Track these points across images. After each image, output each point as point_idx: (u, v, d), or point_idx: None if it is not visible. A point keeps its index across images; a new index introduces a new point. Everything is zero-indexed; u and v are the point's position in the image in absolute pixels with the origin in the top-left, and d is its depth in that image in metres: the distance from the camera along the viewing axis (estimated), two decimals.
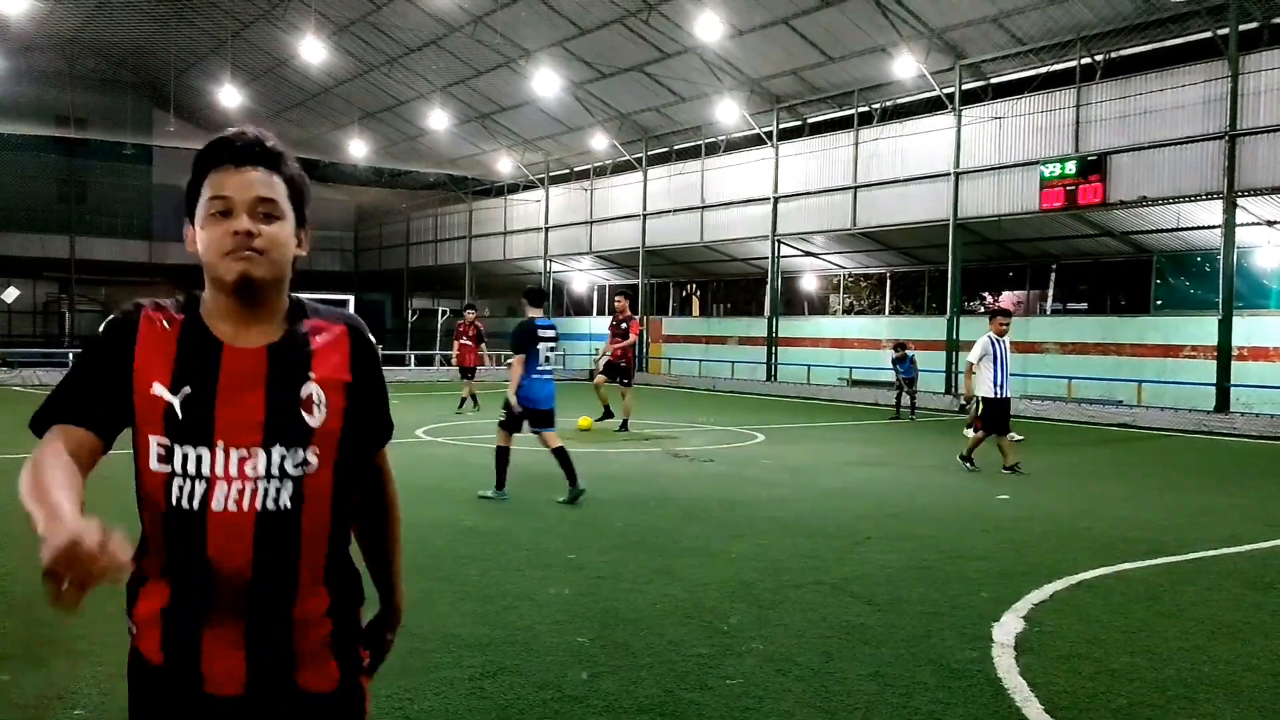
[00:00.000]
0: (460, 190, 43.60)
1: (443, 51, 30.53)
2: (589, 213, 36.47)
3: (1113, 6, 20.30)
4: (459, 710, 4.29)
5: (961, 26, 22.52)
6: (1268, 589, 6.62)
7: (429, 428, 16.31)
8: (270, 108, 38.39)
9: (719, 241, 31.16)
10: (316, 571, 1.83)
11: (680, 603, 6.00)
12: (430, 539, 7.75)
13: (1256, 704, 4.51)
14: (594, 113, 32.18)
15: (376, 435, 2.11)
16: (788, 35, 24.86)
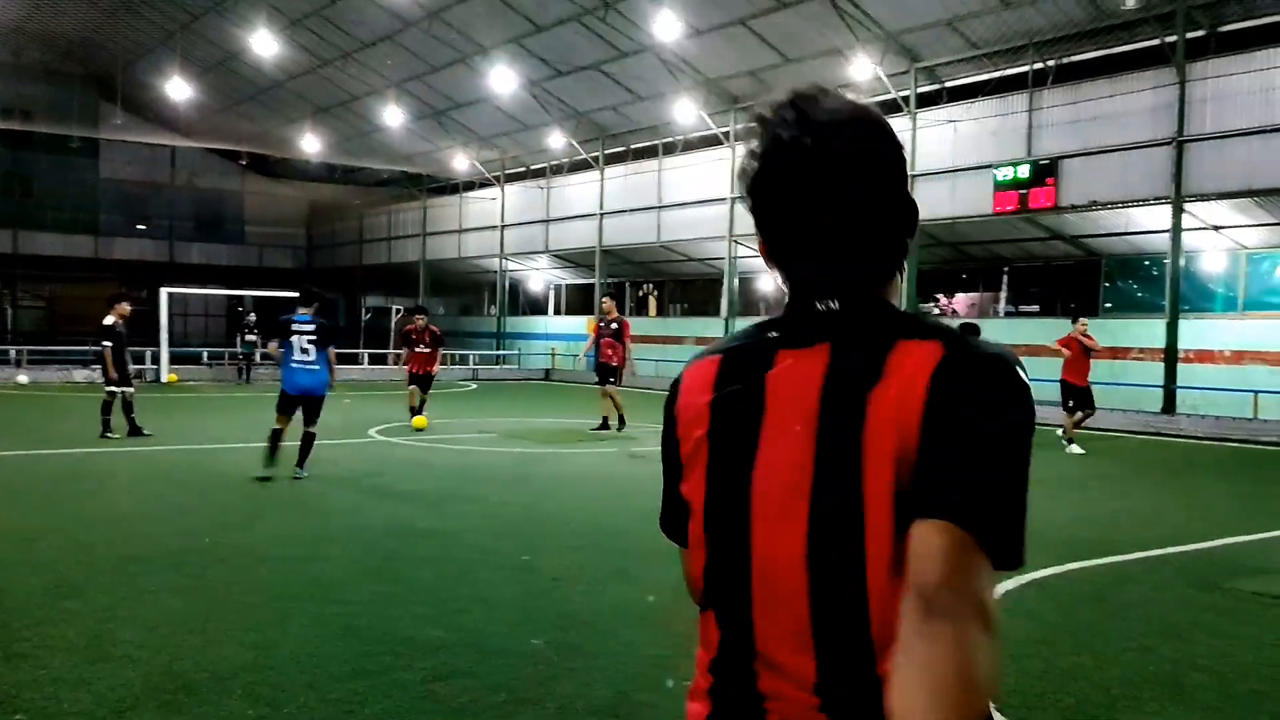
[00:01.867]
0: (415, 187, 43.25)
1: (398, 47, 30.24)
2: (545, 211, 36.35)
3: (1064, 12, 20.58)
4: (410, 713, 4.23)
5: (917, 30, 22.72)
6: (1212, 588, 6.73)
7: (383, 427, 16.15)
8: (221, 101, 37.82)
9: (676, 241, 31.20)
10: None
11: (636, 604, 5.97)
12: (382, 541, 7.66)
13: (1201, 703, 4.58)
14: (551, 111, 32.07)
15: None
16: (745, 36, 24.94)
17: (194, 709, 4.22)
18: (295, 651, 4.98)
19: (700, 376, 1.44)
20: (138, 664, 4.74)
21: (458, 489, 10.28)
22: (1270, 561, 7.65)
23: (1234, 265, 21.49)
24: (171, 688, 4.45)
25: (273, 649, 5.02)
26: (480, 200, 39.65)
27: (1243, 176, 18.52)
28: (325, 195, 49.19)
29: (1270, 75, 18.12)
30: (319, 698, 4.37)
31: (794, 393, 1.30)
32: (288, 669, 4.73)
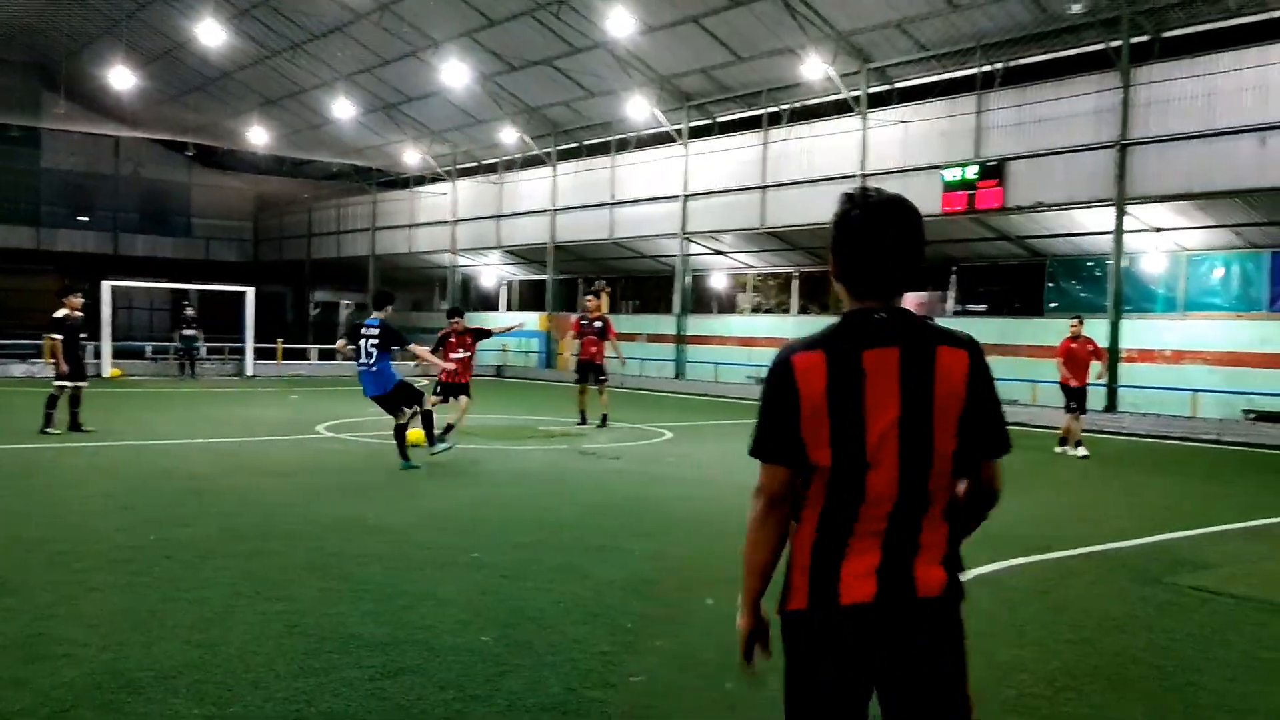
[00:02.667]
0: (365, 181, 42.83)
1: (348, 39, 29.90)
2: (498, 207, 36.17)
3: (1011, 16, 20.89)
4: (358, 711, 4.20)
5: (868, 31, 22.93)
6: (1152, 583, 6.87)
7: (330, 424, 15.98)
8: (167, 91, 37.13)
9: (628, 238, 31.20)
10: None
11: (584, 601, 5.97)
12: (329, 537, 7.59)
13: (1140, 694, 4.68)
14: (503, 105, 31.92)
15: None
16: (698, 33, 25.00)
17: (137, 708, 4.15)
18: (241, 649, 4.92)
19: (811, 361, 2.38)
20: (79, 662, 4.65)
21: (406, 485, 10.21)
22: (1207, 556, 7.83)
23: (1175, 267, 21.95)
24: (114, 686, 4.37)
25: (218, 647, 4.95)
26: (432, 195, 39.36)
27: (1183, 180, 18.93)
28: (273, 188, 48.52)
29: (1211, 80, 18.52)
30: (265, 696, 4.32)
31: (882, 373, 2.33)
32: (233, 667, 4.67)
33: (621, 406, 21.56)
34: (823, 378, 2.34)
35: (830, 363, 2.35)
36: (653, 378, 29.60)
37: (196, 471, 10.82)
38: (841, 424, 2.33)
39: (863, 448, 2.32)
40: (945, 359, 2.35)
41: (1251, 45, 18.19)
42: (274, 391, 23.87)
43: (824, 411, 2.33)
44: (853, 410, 2.32)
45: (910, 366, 2.33)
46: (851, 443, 2.32)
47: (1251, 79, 18.03)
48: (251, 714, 4.13)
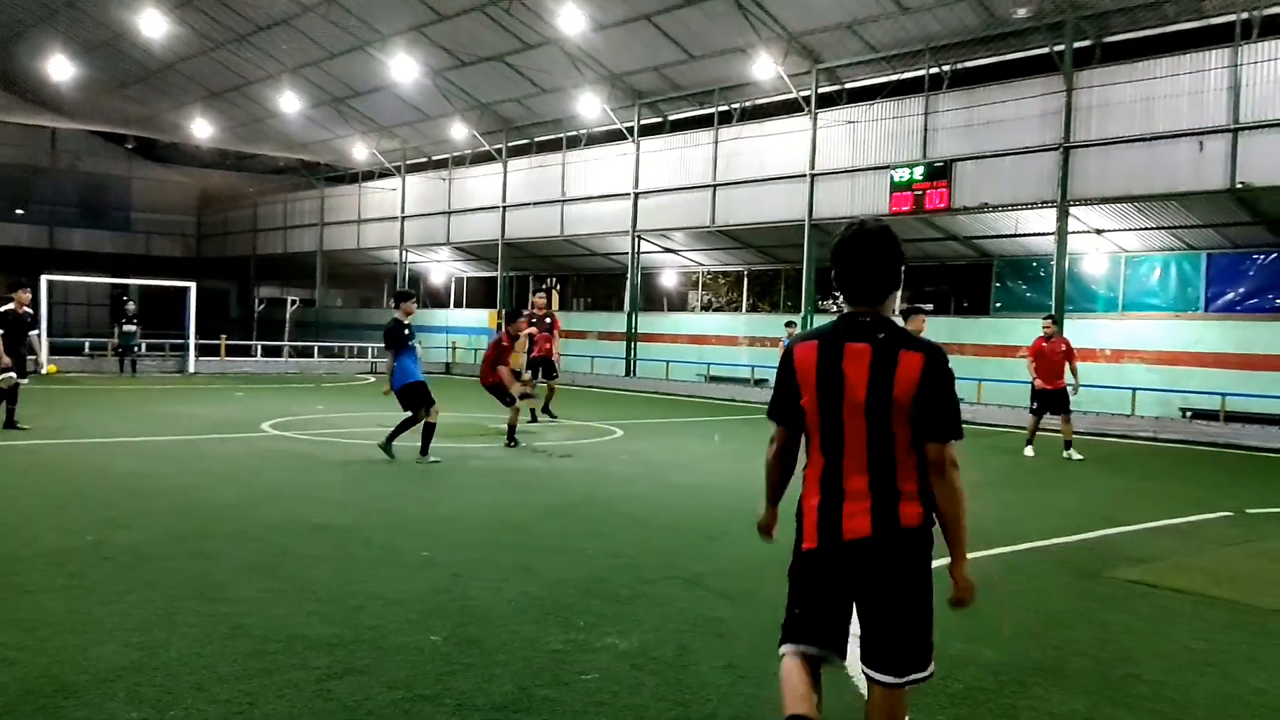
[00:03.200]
0: (312, 176, 42.32)
1: (294, 31, 29.48)
2: (447, 203, 35.92)
3: (959, 19, 21.16)
4: (304, 713, 4.14)
5: (818, 31, 23.09)
6: (1093, 577, 7.00)
7: (275, 421, 15.75)
8: (106, 83, 36.34)
9: (579, 236, 31.15)
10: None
11: (536, 599, 5.95)
12: (275, 537, 7.48)
13: (1082, 687, 4.76)
14: (453, 101, 31.69)
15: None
16: (649, 31, 25.01)
17: (74, 713, 4.06)
18: (182, 652, 4.83)
19: (808, 349, 3.20)
20: (14, 666, 4.54)
21: (355, 484, 10.10)
22: (1146, 551, 7.99)
23: (1115, 268, 22.40)
24: (50, 690, 4.27)
25: (158, 649, 4.85)
26: (380, 190, 38.98)
27: (1124, 182, 19.31)
28: (217, 182, 47.76)
29: (1151, 85, 18.92)
30: (208, 699, 4.24)
31: (857, 362, 3.08)
32: (174, 670, 4.58)
33: (573, 404, 21.51)
34: (814, 363, 3.19)
35: (820, 349, 3.19)
36: (604, 375, 29.60)
37: (137, 470, 10.61)
38: (826, 401, 3.17)
39: (840, 410, 3.14)
40: (905, 359, 3.06)
41: (1189, 51, 18.61)
42: (218, 389, 23.49)
43: (813, 389, 3.19)
44: (833, 391, 3.15)
45: (878, 360, 3.08)
46: (832, 418, 3.16)
47: (1189, 84, 18.45)
48: (192, 717, 4.06)
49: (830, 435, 3.17)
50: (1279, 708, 4.59)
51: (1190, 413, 19.49)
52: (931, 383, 3.05)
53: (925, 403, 3.04)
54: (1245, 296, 20.67)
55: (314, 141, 38.30)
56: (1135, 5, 19.29)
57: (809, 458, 3.29)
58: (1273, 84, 17.50)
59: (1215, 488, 12.17)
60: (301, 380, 27.72)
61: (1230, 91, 17.88)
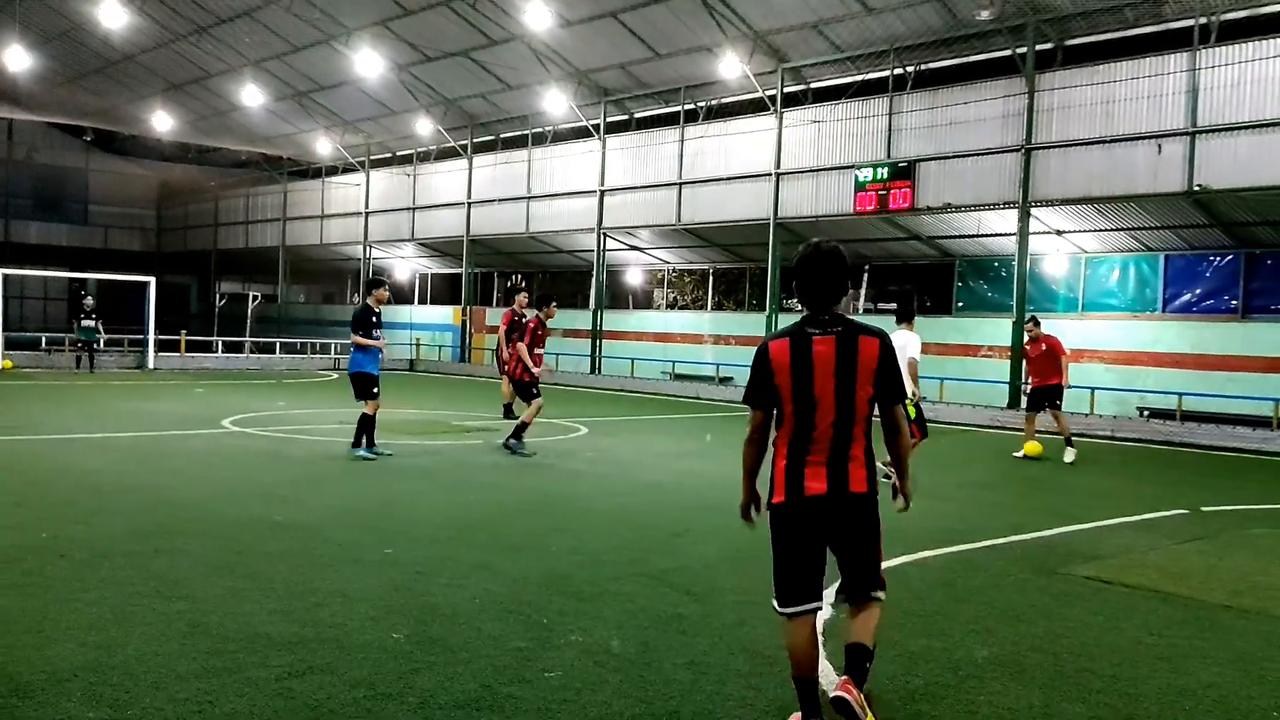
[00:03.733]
0: (274, 170, 41.91)
1: (256, 24, 29.15)
2: (412, 199, 35.71)
3: (923, 20, 21.33)
4: (265, 711, 4.11)
5: (784, 31, 23.19)
6: (1050, 574, 7.10)
7: (237, 418, 15.60)
8: (64, 74, 35.70)
9: (545, 233, 31.08)
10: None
11: (499, 597, 5.94)
12: (237, 535, 7.42)
13: (1038, 682, 4.83)
14: (418, 96, 31.51)
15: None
16: (616, 29, 25.00)
17: (28, 713, 4.01)
18: (140, 650, 4.78)
19: (781, 345, 3.94)
20: None
21: (317, 481, 10.02)
22: (1101, 548, 8.11)
23: (1075, 268, 22.69)
24: (4, 690, 4.21)
25: (115, 648, 4.80)
26: (344, 186, 38.69)
27: (1084, 184, 19.56)
28: (177, 176, 47.17)
29: (1110, 88, 19.17)
30: (166, 698, 4.20)
31: (825, 353, 3.90)
32: (132, 669, 4.53)
33: None
34: (787, 355, 3.97)
35: (792, 344, 3.98)
36: (569, 372, 29.57)
37: (95, 467, 10.48)
38: (799, 382, 3.95)
39: (812, 397, 3.95)
40: (864, 343, 3.97)
41: (1148, 55, 18.88)
42: (177, 385, 23.22)
43: (788, 374, 3.96)
44: (805, 374, 3.95)
45: (842, 347, 3.95)
46: (805, 394, 3.96)
47: (1148, 88, 18.71)
48: (151, 716, 4.02)
49: (801, 410, 3.98)
50: (1228, 701, 4.68)
51: (1147, 412, 19.79)
52: (886, 359, 3.99)
53: (883, 374, 3.98)
54: (1201, 298, 21.02)
55: (277, 135, 37.93)
56: (1095, 9, 19.54)
57: (779, 431, 4.07)
58: (1230, 88, 17.79)
59: (1170, 486, 12.37)
60: (263, 377, 27.47)
61: (1188, 95, 18.17)
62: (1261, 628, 5.91)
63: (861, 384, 3.93)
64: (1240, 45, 17.76)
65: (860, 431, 3.98)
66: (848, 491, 3.96)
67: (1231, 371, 19.57)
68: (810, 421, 3.95)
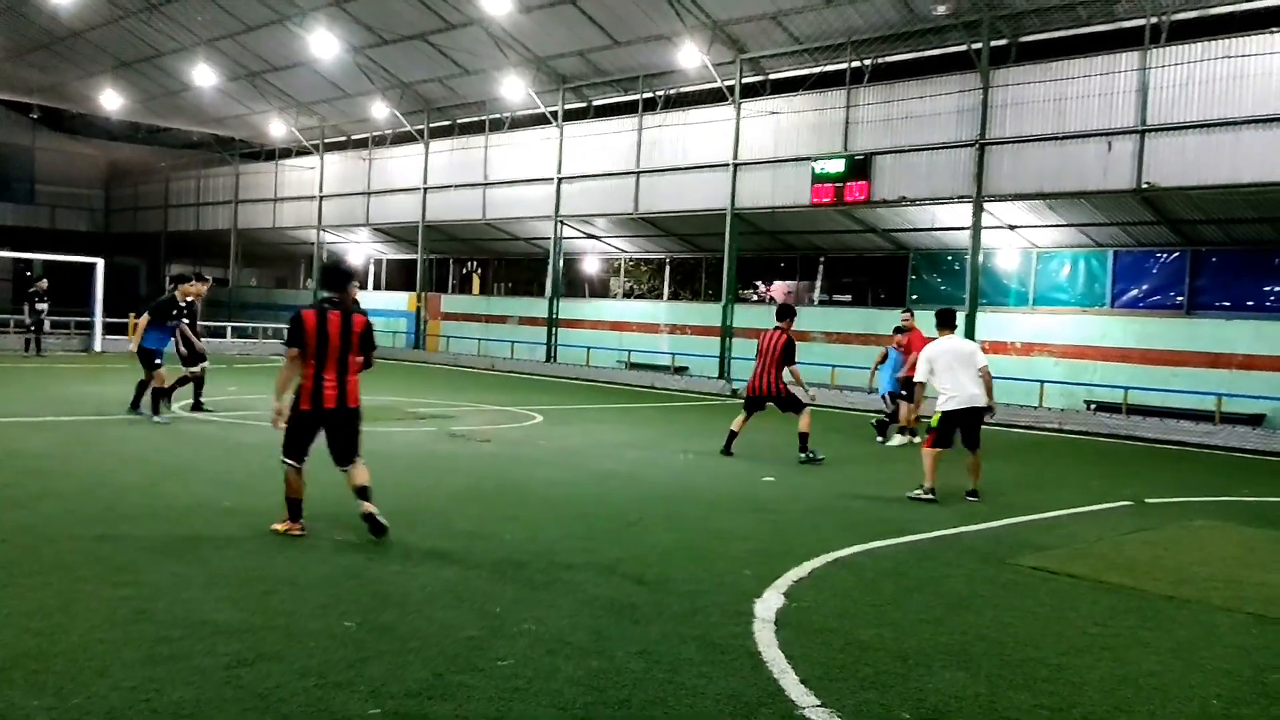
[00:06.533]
0: (227, 152, 41.25)
1: (209, 2, 28.61)
2: (367, 183, 35.33)
3: (881, 14, 21.46)
4: (213, 699, 4.06)
5: (743, 21, 23.21)
6: (998, 564, 7.21)
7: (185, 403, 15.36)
8: (10, 49, 34.84)
9: (501, 220, 30.91)
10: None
11: (451, 585, 5.92)
12: (184, 520, 7.32)
13: (985, 671, 4.91)
14: (374, 79, 31.16)
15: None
16: (575, 15, 24.88)
17: None
18: (85, 638, 4.71)
19: (310, 314, 6.95)
20: None
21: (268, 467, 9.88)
22: (1048, 539, 8.26)
23: (1026, 263, 23.00)
24: None
25: (59, 635, 4.72)
26: (298, 169, 38.19)
27: (1036, 180, 19.82)
28: (127, 155, 46.23)
29: (1063, 85, 19.42)
30: (111, 685, 4.14)
31: (335, 321, 6.95)
32: (76, 656, 4.46)
33: (492, 389, 21.42)
34: (314, 320, 6.84)
35: (317, 315, 6.87)
36: (524, 360, 29.47)
37: (40, 451, 10.28)
38: (319, 337, 6.83)
39: (326, 347, 6.84)
40: (356, 319, 7.00)
41: (1100, 53, 19.15)
42: (125, 369, 22.80)
43: (313, 332, 6.82)
44: (323, 333, 6.83)
45: (344, 321, 6.90)
46: (323, 345, 6.83)
47: (1099, 86, 18.98)
48: (96, 704, 3.96)
49: (320, 356, 6.83)
50: (1169, 689, 4.79)
51: (1094, 405, 20.13)
52: (368, 330, 7.06)
53: (365, 339, 7.02)
54: (1148, 294, 21.41)
55: (229, 116, 37.32)
56: (1049, 6, 19.77)
57: (306, 367, 6.82)
58: (1178, 88, 18.10)
59: (1115, 478, 12.60)
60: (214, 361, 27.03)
61: (1138, 94, 18.45)
62: (1201, 618, 6.05)
63: (355, 346, 6.91)
64: (1189, 45, 18.07)
65: (355, 376, 6.97)
66: (347, 406, 6.92)
67: (1176, 366, 19.96)
68: (325, 362, 6.80)
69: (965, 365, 10.00)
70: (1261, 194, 17.65)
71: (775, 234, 26.44)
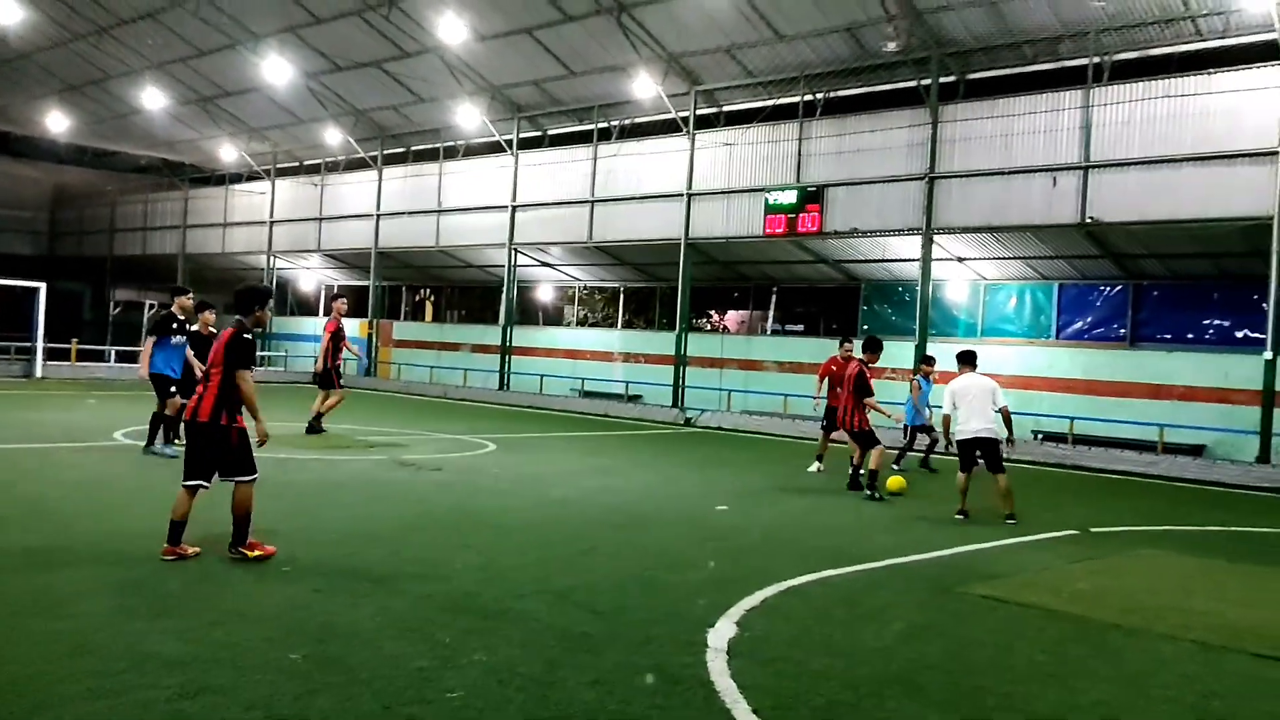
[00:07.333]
0: (176, 176, 40.78)
1: (160, 26, 28.37)
2: (319, 209, 35.07)
3: (833, 49, 21.81)
4: None
5: (698, 54, 23.46)
6: (948, 593, 7.27)
7: (130, 430, 15.08)
8: None
9: (455, 247, 30.81)
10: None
11: (400, 615, 5.85)
12: (127, 551, 7.17)
13: (935, 700, 4.93)
14: (327, 106, 31.02)
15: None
16: (530, 45, 24.99)
17: None
18: (21, 672, 4.58)
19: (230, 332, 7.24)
20: None
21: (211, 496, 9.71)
22: (996, 567, 8.34)
23: (975, 294, 23.37)
24: None
25: None
26: (248, 194, 37.83)
27: (984, 213, 20.17)
28: (73, 178, 45.52)
29: (1009, 122, 19.84)
30: None
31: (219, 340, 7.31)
32: (13, 690, 4.34)
33: (445, 417, 21.27)
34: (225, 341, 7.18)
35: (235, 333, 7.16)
36: (477, 389, 29.32)
37: None
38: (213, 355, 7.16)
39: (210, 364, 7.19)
40: (225, 334, 7.17)
41: (1045, 91, 19.60)
42: (68, 395, 22.37)
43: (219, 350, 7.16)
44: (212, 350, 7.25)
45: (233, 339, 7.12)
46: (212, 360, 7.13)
47: (1044, 123, 19.42)
48: None
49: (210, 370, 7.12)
50: (1116, 717, 4.84)
51: (1041, 435, 20.42)
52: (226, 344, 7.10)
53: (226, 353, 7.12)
54: (1092, 325, 21.83)
55: (179, 140, 36.92)
56: (996, 45, 20.21)
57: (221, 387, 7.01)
58: (1120, 125, 18.56)
59: (1062, 508, 12.77)
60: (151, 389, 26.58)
61: (1082, 131, 18.89)
62: (1147, 646, 6.13)
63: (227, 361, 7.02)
64: (1131, 85, 18.55)
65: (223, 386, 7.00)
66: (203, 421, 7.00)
67: (1120, 397, 20.35)
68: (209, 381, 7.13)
69: (982, 400, 11.01)
70: (1200, 229, 18.12)
71: (729, 264, 26.63)
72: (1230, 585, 8.22)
